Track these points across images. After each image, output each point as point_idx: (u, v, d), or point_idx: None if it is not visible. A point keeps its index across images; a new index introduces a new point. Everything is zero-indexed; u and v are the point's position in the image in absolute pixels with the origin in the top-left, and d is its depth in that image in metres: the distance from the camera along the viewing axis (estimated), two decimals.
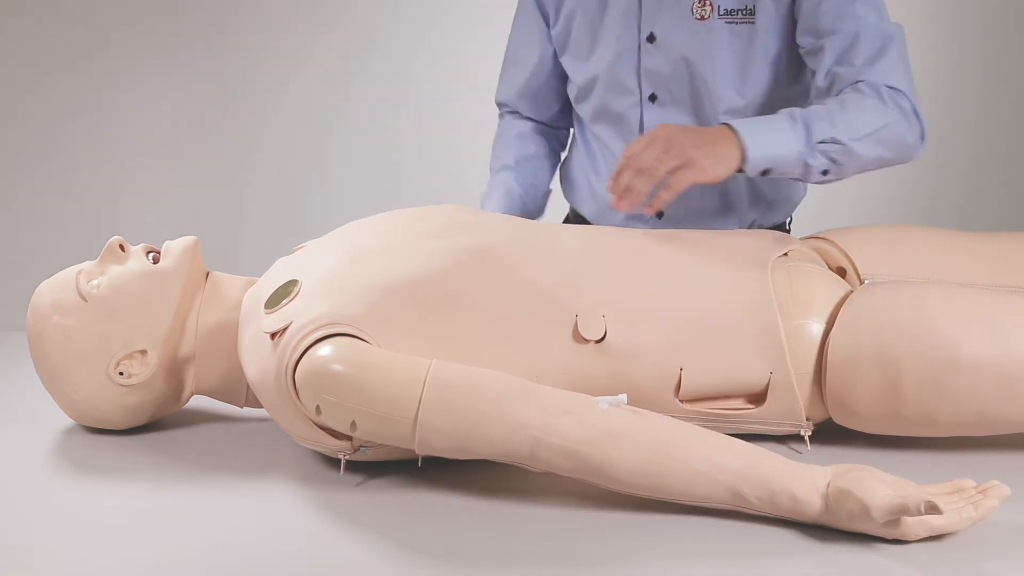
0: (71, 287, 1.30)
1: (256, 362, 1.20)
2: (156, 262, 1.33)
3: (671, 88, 1.61)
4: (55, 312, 1.29)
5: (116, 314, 1.29)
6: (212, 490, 1.17)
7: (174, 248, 1.34)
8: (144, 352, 1.30)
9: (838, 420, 1.26)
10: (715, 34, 1.54)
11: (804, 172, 1.43)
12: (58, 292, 1.30)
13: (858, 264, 1.37)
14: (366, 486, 1.18)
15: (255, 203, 3.57)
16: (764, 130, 1.40)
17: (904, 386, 1.19)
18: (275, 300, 1.21)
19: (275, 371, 1.16)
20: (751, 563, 0.98)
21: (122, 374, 1.29)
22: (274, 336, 1.17)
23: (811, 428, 1.25)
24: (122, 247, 1.33)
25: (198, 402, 1.45)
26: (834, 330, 1.23)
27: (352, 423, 1.11)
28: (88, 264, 1.33)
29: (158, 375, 1.31)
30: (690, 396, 1.23)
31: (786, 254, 1.35)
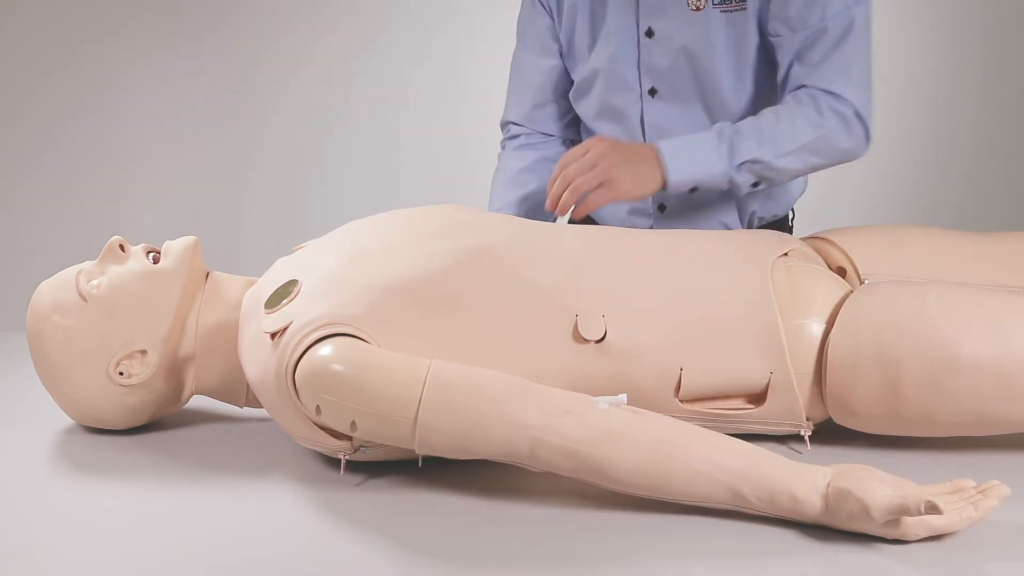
0: (71, 287, 1.30)
1: (256, 362, 1.20)
2: (156, 262, 1.33)
3: (671, 81, 1.63)
4: (55, 312, 1.29)
5: (116, 314, 1.29)
6: (212, 490, 1.17)
7: (174, 248, 1.34)
8: (144, 352, 1.30)
9: (838, 420, 1.26)
10: (711, 23, 1.57)
11: (733, 188, 1.54)
12: (58, 292, 1.30)
13: (858, 264, 1.37)
14: (366, 486, 1.18)
15: (255, 203, 3.57)
16: (688, 152, 1.50)
17: (904, 386, 1.19)
18: (275, 300, 1.21)
19: (275, 371, 1.16)
20: (751, 563, 0.98)
21: (122, 374, 1.29)
22: (274, 336, 1.17)
23: (811, 428, 1.25)
24: (122, 247, 1.33)
25: (198, 402, 1.45)
26: (834, 330, 1.23)
27: (352, 423, 1.11)
28: (88, 264, 1.33)
29: (158, 375, 1.31)
30: (690, 396, 1.23)
31: (786, 254, 1.35)
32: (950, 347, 1.18)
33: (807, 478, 1.04)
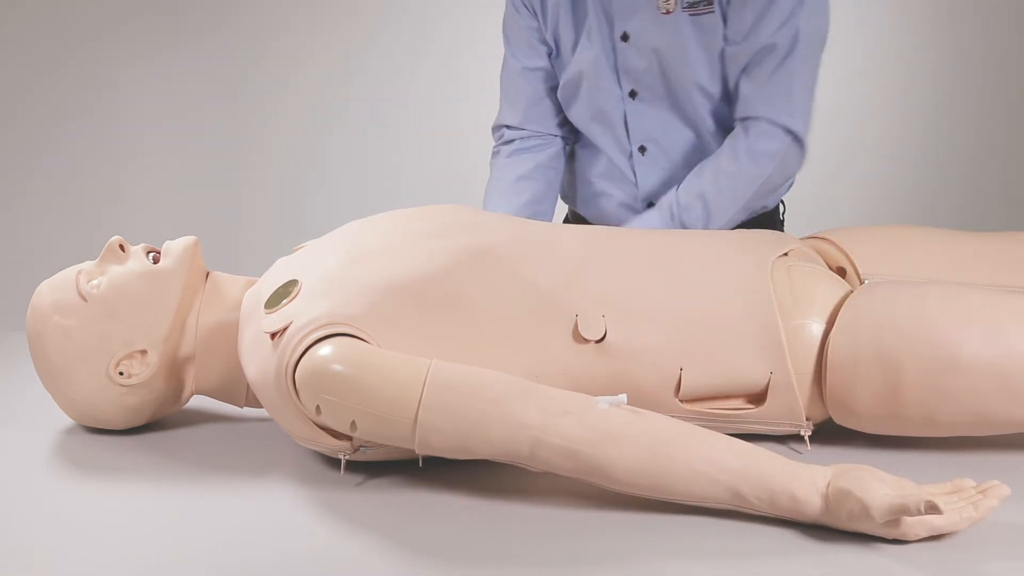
0: (71, 287, 1.30)
1: (256, 362, 1.20)
2: (156, 262, 1.33)
3: (649, 83, 1.66)
4: (55, 312, 1.29)
5: (116, 314, 1.29)
6: (212, 490, 1.17)
7: (174, 248, 1.34)
8: (144, 352, 1.30)
9: (838, 420, 1.26)
10: (681, 26, 1.59)
11: None
12: (58, 292, 1.30)
13: (858, 264, 1.37)
14: (366, 486, 1.18)
15: (255, 203, 3.57)
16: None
17: (904, 386, 1.19)
18: (275, 300, 1.21)
19: (275, 371, 1.16)
20: (751, 563, 0.98)
21: (122, 374, 1.29)
22: (274, 336, 1.17)
23: (811, 428, 1.25)
24: (122, 247, 1.33)
25: (198, 402, 1.45)
26: (834, 330, 1.23)
27: (352, 423, 1.11)
28: (88, 264, 1.33)
29: (158, 375, 1.31)
30: (690, 396, 1.23)
31: (786, 254, 1.35)
32: (950, 347, 1.18)
33: (807, 478, 1.04)
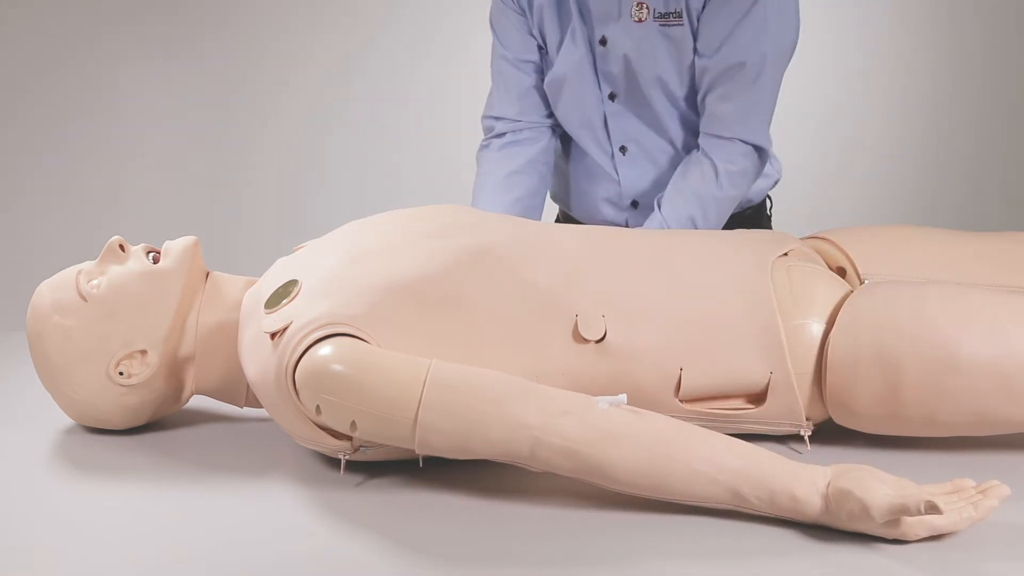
0: (71, 287, 1.30)
1: (256, 362, 1.20)
2: (156, 262, 1.33)
3: (622, 86, 1.70)
4: (55, 312, 1.29)
5: (116, 314, 1.29)
6: (212, 490, 1.17)
7: (174, 248, 1.34)
8: (144, 352, 1.30)
9: (838, 420, 1.26)
10: (651, 36, 1.63)
11: None
12: (58, 292, 1.30)
13: (858, 264, 1.37)
14: (366, 486, 1.18)
15: (255, 203, 3.57)
16: None
17: (904, 386, 1.19)
18: (275, 300, 1.21)
19: (275, 371, 1.16)
20: (751, 563, 0.98)
21: (122, 374, 1.29)
22: (274, 336, 1.17)
23: (811, 428, 1.25)
24: (122, 247, 1.33)
25: (198, 402, 1.45)
26: (834, 330, 1.23)
27: (352, 423, 1.11)
28: (88, 264, 1.33)
29: (158, 375, 1.31)
30: (690, 396, 1.23)
31: (786, 254, 1.35)
32: (950, 347, 1.18)
33: (807, 478, 1.04)
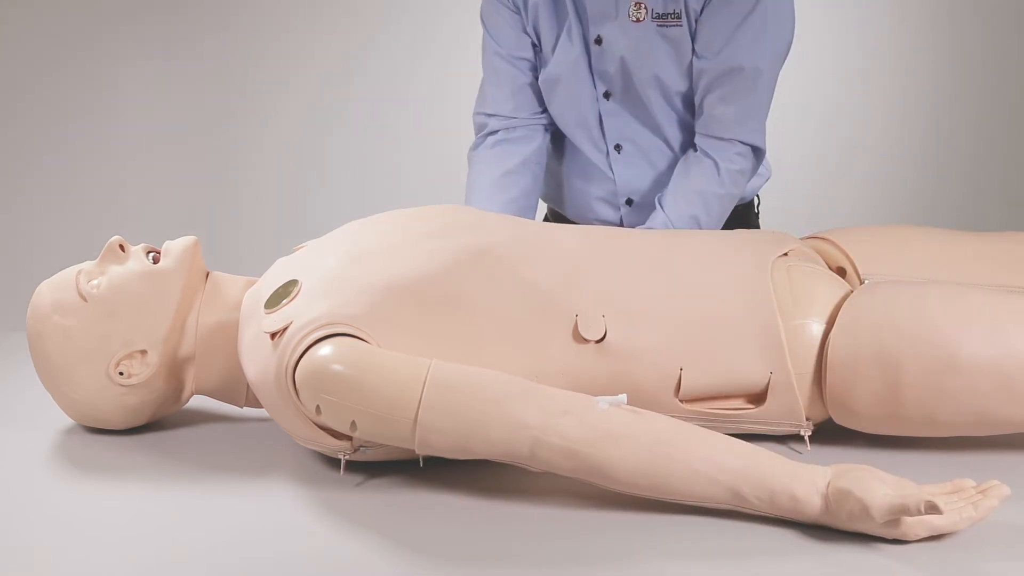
0: (71, 287, 1.30)
1: (256, 362, 1.20)
2: (156, 262, 1.33)
3: (618, 85, 1.70)
4: (55, 312, 1.29)
5: (116, 314, 1.29)
6: (212, 490, 1.17)
7: (174, 248, 1.34)
8: (144, 352, 1.30)
9: (838, 420, 1.26)
10: (649, 36, 1.63)
11: None
12: (58, 292, 1.30)
13: (858, 264, 1.37)
14: (366, 486, 1.18)
15: (255, 203, 3.57)
16: None
17: (904, 386, 1.19)
18: (275, 300, 1.21)
19: (275, 371, 1.16)
20: (751, 563, 0.98)
21: (122, 374, 1.29)
22: (274, 336, 1.17)
23: (811, 428, 1.25)
24: (122, 247, 1.33)
25: (198, 402, 1.45)
26: (834, 330, 1.23)
27: (352, 423, 1.11)
28: (88, 264, 1.33)
29: (158, 375, 1.31)
30: (690, 396, 1.23)
31: (786, 254, 1.35)
32: (950, 347, 1.18)
33: (807, 478, 1.04)
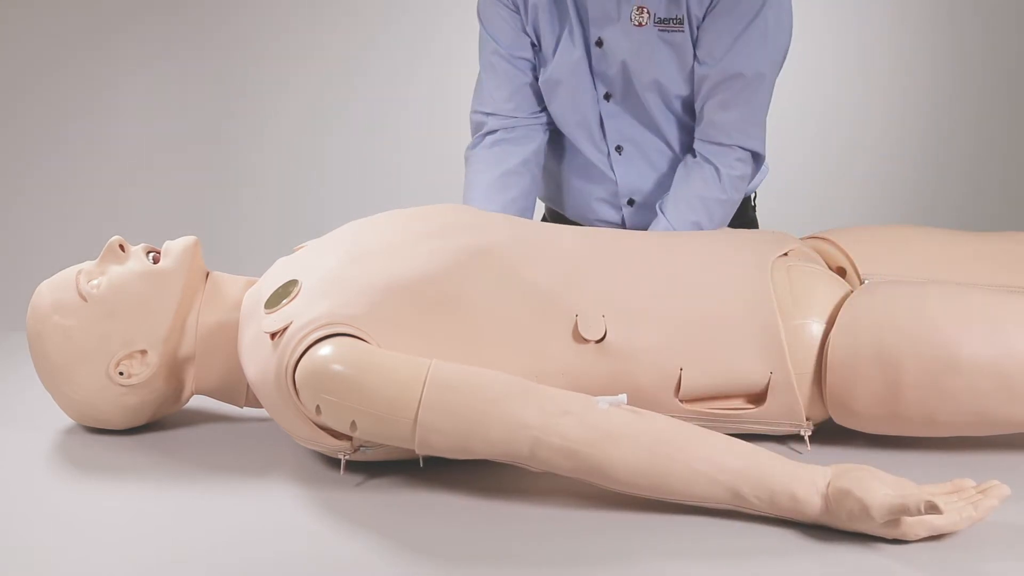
0: (71, 287, 1.30)
1: (256, 362, 1.20)
2: (156, 262, 1.33)
3: (618, 87, 1.70)
4: (55, 312, 1.29)
5: (116, 314, 1.29)
6: (212, 490, 1.17)
7: (174, 248, 1.34)
8: (144, 352, 1.30)
9: (838, 420, 1.26)
10: (651, 41, 1.64)
11: None
12: (58, 292, 1.30)
13: (858, 264, 1.37)
14: (366, 486, 1.18)
15: (255, 203, 3.57)
16: None
17: (904, 386, 1.19)
18: (275, 300, 1.21)
19: (275, 371, 1.16)
20: (751, 563, 0.98)
21: (122, 374, 1.29)
22: (274, 336, 1.17)
23: (811, 428, 1.25)
24: (122, 247, 1.33)
25: (198, 402, 1.45)
26: (834, 330, 1.23)
27: (352, 423, 1.11)
28: (88, 264, 1.33)
29: (158, 375, 1.31)
30: (690, 396, 1.23)
31: (786, 254, 1.35)
32: (950, 347, 1.18)
33: (807, 478, 1.04)
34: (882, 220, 3.33)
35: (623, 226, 1.78)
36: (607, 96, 1.71)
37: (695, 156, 1.69)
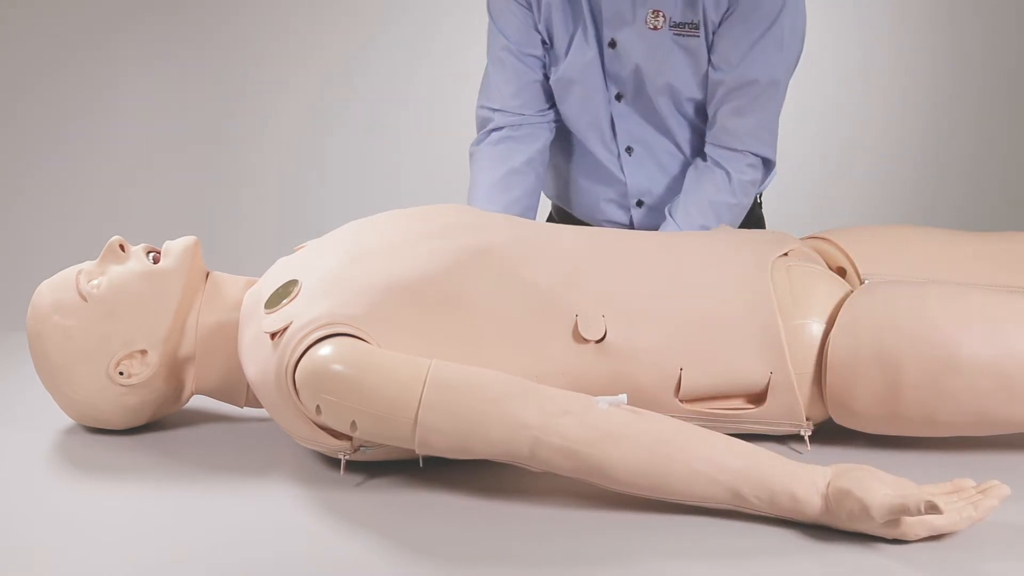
0: (71, 287, 1.30)
1: (256, 362, 1.20)
2: (156, 262, 1.32)
3: (630, 89, 1.70)
4: (55, 312, 1.29)
5: (116, 314, 1.29)
6: (212, 490, 1.17)
7: (174, 248, 1.34)
8: (144, 352, 1.30)
9: (838, 420, 1.26)
10: (666, 45, 1.64)
11: None
12: (58, 292, 1.30)
13: (858, 264, 1.37)
14: (366, 486, 1.18)
15: (255, 203, 3.57)
16: None
17: (904, 386, 1.19)
18: (275, 300, 1.21)
19: (275, 371, 1.16)
20: (751, 563, 0.98)
21: (122, 374, 1.29)
22: (274, 336, 1.17)
23: (811, 428, 1.25)
24: (122, 247, 1.33)
25: (198, 402, 1.45)
26: (834, 330, 1.23)
27: (352, 423, 1.11)
28: (88, 264, 1.33)
29: (158, 375, 1.31)
30: (690, 396, 1.23)
31: (786, 254, 1.35)
32: (950, 347, 1.18)
33: (807, 478, 1.04)
34: (882, 220, 3.33)
35: (631, 227, 1.78)
36: (618, 97, 1.71)
37: (706, 160, 1.69)
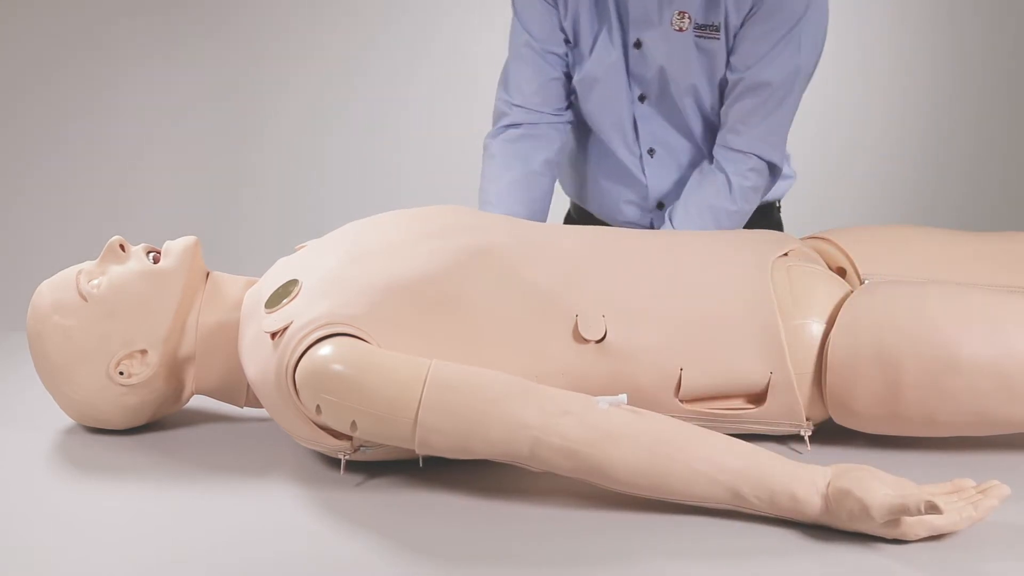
0: (71, 287, 1.30)
1: (256, 362, 1.20)
2: (156, 262, 1.33)
3: (654, 90, 1.70)
4: (55, 312, 1.29)
5: (116, 314, 1.29)
6: (212, 490, 1.17)
7: (174, 248, 1.34)
8: (144, 352, 1.30)
9: (838, 420, 1.26)
10: (689, 46, 1.64)
11: None
12: (58, 292, 1.30)
13: (858, 264, 1.37)
14: (366, 486, 1.18)
15: (255, 203, 3.57)
16: None
17: (904, 386, 1.19)
18: (275, 300, 1.21)
19: (275, 371, 1.16)
20: (751, 563, 0.98)
21: (122, 374, 1.29)
22: (274, 336, 1.17)
23: (811, 428, 1.25)
24: (122, 247, 1.33)
25: (198, 402, 1.45)
26: (834, 330, 1.23)
27: (352, 423, 1.11)
28: (88, 264, 1.33)
29: (158, 375, 1.31)
30: (690, 396, 1.23)
31: (786, 254, 1.35)
32: (950, 347, 1.18)
33: (807, 478, 1.04)
34: (882, 220, 3.33)
35: (651, 228, 1.78)
36: (641, 98, 1.71)
37: (711, 163, 1.69)
